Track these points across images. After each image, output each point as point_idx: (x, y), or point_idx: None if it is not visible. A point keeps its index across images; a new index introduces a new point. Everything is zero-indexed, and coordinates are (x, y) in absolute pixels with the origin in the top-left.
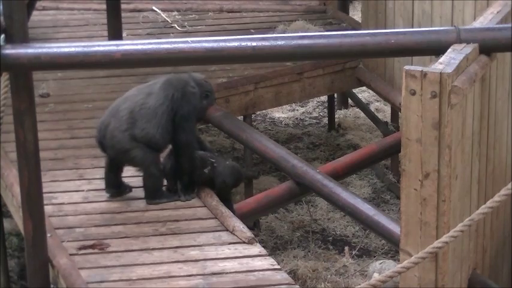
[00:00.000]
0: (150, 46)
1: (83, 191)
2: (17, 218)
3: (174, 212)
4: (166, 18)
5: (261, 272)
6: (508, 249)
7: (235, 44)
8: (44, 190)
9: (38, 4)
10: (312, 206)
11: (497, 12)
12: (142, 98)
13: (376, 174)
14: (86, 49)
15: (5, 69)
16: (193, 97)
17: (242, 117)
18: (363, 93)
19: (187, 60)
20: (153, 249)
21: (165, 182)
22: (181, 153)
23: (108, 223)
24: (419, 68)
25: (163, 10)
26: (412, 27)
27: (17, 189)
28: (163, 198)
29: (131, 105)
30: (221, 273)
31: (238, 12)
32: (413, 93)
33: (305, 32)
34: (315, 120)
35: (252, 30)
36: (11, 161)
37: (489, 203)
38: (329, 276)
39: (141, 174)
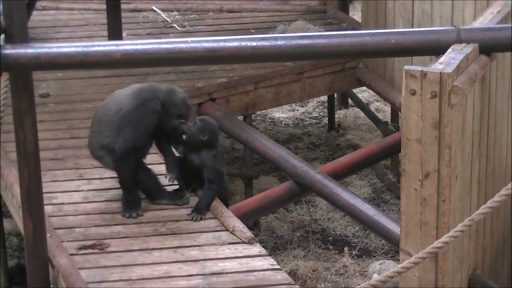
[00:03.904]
0: (150, 46)
1: (82, 191)
2: (17, 218)
3: (174, 212)
4: (166, 18)
5: (261, 272)
6: (508, 249)
7: (235, 44)
8: (44, 190)
9: (38, 4)
10: (312, 206)
11: (497, 12)
12: (109, 105)
13: (376, 174)
14: (85, 49)
15: (5, 69)
16: (153, 110)
17: (242, 117)
18: (363, 93)
19: (187, 60)
20: (153, 249)
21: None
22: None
23: (108, 223)
24: (419, 68)
25: (163, 10)
26: (412, 27)
27: (17, 189)
28: (164, 199)
29: (100, 113)
30: (221, 273)
31: (238, 12)
32: (414, 93)
33: (305, 32)
34: (315, 120)
35: (252, 30)
36: (11, 161)
37: (489, 203)
38: (329, 276)
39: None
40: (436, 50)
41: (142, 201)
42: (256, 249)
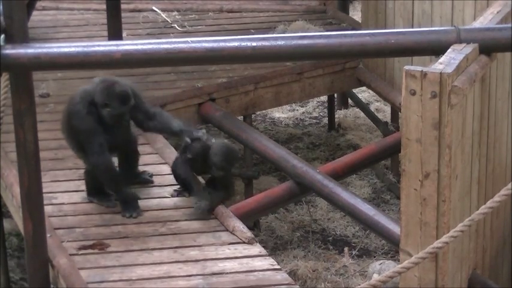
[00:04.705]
0: (150, 46)
1: (82, 191)
2: (17, 218)
3: (174, 212)
4: (166, 19)
5: (261, 272)
6: (508, 249)
7: (235, 44)
8: (44, 190)
9: (38, 4)
10: (312, 206)
11: (497, 12)
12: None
13: (376, 174)
14: (85, 49)
15: (5, 69)
16: (78, 115)
17: (242, 117)
18: (363, 93)
19: (187, 60)
20: (153, 249)
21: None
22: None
23: (108, 223)
24: (419, 68)
25: (163, 10)
26: (412, 27)
27: (17, 189)
28: (95, 199)
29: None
30: (221, 274)
31: (238, 12)
32: (413, 93)
33: (305, 32)
34: (315, 120)
35: (252, 31)
36: (11, 161)
37: (489, 203)
38: (329, 276)
39: None
40: (436, 50)
41: (140, 201)
42: (256, 249)
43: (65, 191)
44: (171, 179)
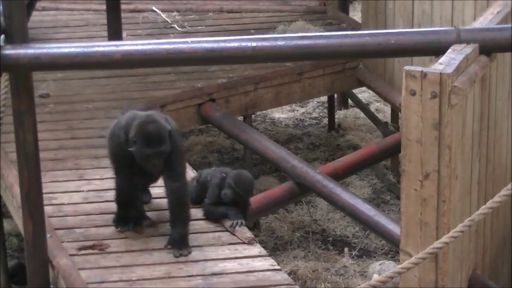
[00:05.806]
0: (150, 46)
1: (82, 191)
2: (17, 219)
3: None
4: (166, 19)
5: (261, 273)
6: (508, 249)
7: (235, 44)
8: (44, 190)
9: (38, 4)
10: (312, 206)
11: (497, 13)
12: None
13: (376, 174)
14: (85, 50)
15: (5, 69)
16: (116, 139)
17: (242, 117)
18: (363, 94)
19: (187, 60)
20: (153, 249)
21: None
22: None
23: (108, 224)
24: (419, 69)
25: (163, 10)
26: (412, 28)
27: (17, 189)
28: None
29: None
30: (221, 274)
31: (238, 12)
32: (413, 93)
33: (305, 33)
34: (315, 121)
35: (252, 31)
36: (11, 162)
37: (489, 204)
38: (329, 276)
39: None
40: (436, 50)
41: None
42: (256, 249)
43: (64, 191)
44: None
